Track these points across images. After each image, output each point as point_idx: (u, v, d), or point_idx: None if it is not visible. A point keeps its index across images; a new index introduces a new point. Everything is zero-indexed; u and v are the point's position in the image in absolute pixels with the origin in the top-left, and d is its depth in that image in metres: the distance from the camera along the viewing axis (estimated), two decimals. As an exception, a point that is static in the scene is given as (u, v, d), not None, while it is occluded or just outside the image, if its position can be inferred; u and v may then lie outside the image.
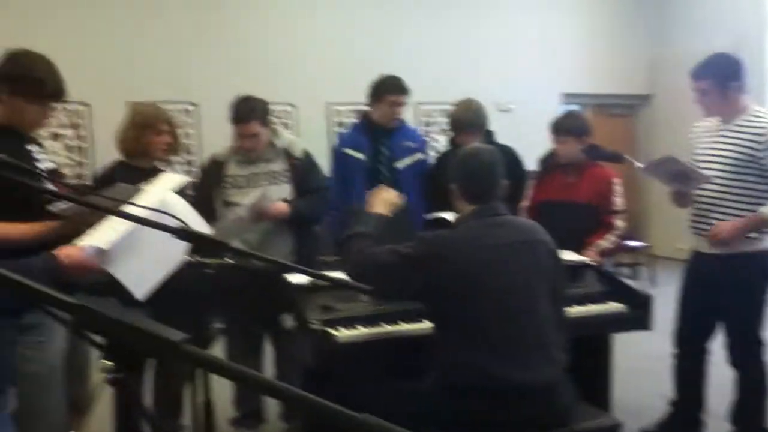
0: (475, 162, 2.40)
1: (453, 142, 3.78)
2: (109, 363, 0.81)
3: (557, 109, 7.12)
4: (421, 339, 2.48)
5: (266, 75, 6.43)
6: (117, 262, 1.77)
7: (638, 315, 2.83)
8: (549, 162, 3.69)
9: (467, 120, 3.60)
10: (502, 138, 3.85)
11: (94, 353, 2.49)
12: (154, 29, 6.41)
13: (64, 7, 6.15)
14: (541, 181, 3.65)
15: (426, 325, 2.49)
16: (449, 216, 2.98)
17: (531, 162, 3.90)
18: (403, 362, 2.52)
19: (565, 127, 3.46)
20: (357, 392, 2.19)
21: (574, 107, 6.97)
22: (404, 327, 2.53)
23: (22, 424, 2.25)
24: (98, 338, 0.80)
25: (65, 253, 1.61)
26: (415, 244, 2.27)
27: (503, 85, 7.41)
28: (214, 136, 5.96)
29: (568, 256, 2.92)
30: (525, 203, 3.73)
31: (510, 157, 3.50)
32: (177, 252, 1.98)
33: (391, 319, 2.57)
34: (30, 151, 2.32)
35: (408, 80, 3.81)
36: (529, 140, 4.55)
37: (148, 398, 3.08)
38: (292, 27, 6.79)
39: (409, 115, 6.38)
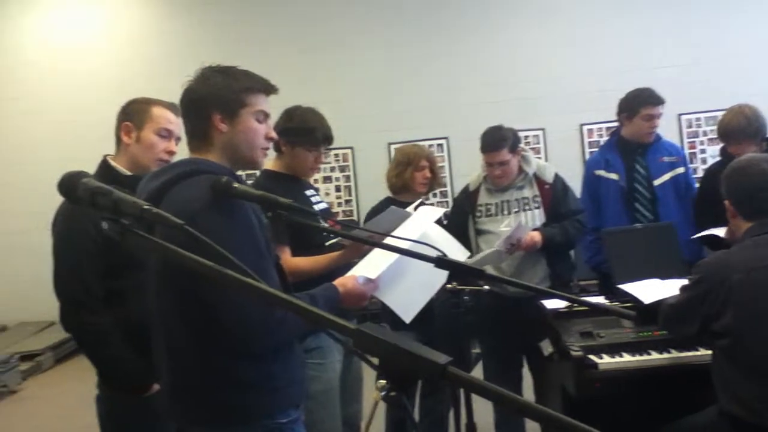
0: (751, 174, 2.17)
1: (724, 153, 3.44)
2: (384, 382, 0.90)
3: None
4: (697, 368, 2.28)
5: (514, 102, 6.49)
6: (385, 290, 1.93)
7: None
8: None
9: (739, 128, 3.25)
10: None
11: (367, 374, 2.72)
12: (407, 76, 6.86)
13: (330, 67, 6.89)
14: None
15: (702, 353, 2.30)
16: (720, 232, 2.73)
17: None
18: (676, 393, 2.35)
19: None
20: (624, 422, 2.10)
21: None
22: (675, 355, 2.35)
23: None
24: (374, 359, 0.89)
25: (340, 283, 1.80)
26: (693, 275, 2.16)
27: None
28: (464, 167, 6.20)
29: None
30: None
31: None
32: (439, 276, 2.09)
33: (662, 347, 2.41)
34: (308, 196, 2.65)
35: (666, 90, 3.57)
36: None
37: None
38: (536, 50, 6.76)
39: (670, 127, 5.96)
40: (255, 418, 1.63)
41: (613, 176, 3.53)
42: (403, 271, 1.95)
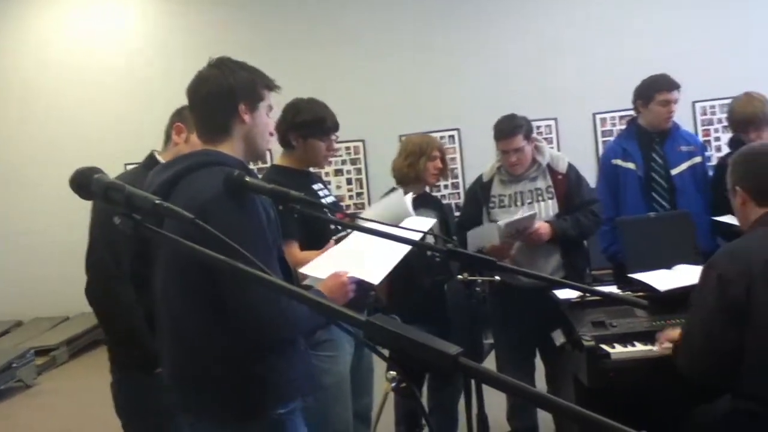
0: (761, 158, 2.14)
1: (734, 143, 3.40)
2: (394, 373, 0.90)
3: None
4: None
5: (526, 91, 6.45)
6: (348, 265, 1.93)
7: None
8: None
9: (756, 113, 3.22)
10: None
11: (377, 367, 2.72)
12: (417, 67, 6.83)
13: (340, 61, 6.89)
14: None
15: (716, 343, 2.27)
16: (734, 220, 2.71)
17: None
18: (688, 382, 2.33)
19: None
20: (638, 411, 2.08)
21: None
22: (689, 345, 2.33)
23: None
24: (384, 350, 0.89)
25: (326, 285, 1.83)
26: (707, 273, 2.09)
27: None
28: (476, 158, 6.18)
29: None
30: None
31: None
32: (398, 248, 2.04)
33: (674, 336, 2.39)
34: (316, 191, 2.68)
35: (680, 77, 3.53)
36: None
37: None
38: (548, 38, 6.70)
39: (684, 115, 5.89)
40: (255, 409, 1.64)
41: (631, 166, 3.49)
42: (362, 247, 1.97)
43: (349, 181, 7.03)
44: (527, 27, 6.73)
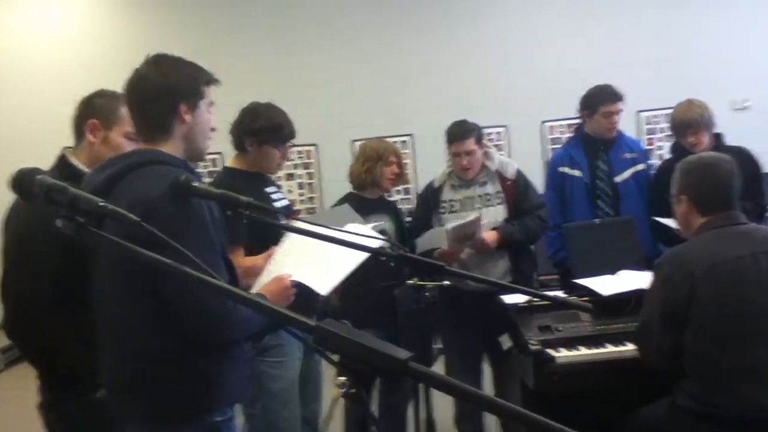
0: (709, 170, 2.22)
1: (677, 149, 3.52)
2: (343, 378, 0.90)
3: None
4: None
5: (477, 99, 6.52)
6: (295, 270, 1.91)
7: None
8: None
9: (695, 118, 3.35)
10: (738, 139, 3.52)
11: (327, 372, 2.71)
12: (371, 73, 6.84)
13: (293, 65, 6.84)
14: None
15: (656, 346, 2.34)
16: (674, 224, 2.81)
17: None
18: (632, 385, 2.39)
19: None
20: (583, 414, 2.13)
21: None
22: (630, 348, 2.40)
23: None
24: (333, 356, 0.89)
25: (268, 289, 1.82)
26: (656, 276, 2.17)
27: (738, 82, 6.64)
28: (429, 164, 6.22)
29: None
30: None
31: (743, 158, 3.17)
32: (354, 257, 2.01)
33: (616, 340, 2.46)
34: (269, 193, 2.64)
35: (626, 87, 3.63)
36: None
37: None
38: (499, 48, 6.80)
39: (629, 124, 6.06)
40: (192, 414, 1.61)
41: (577, 173, 3.57)
42: (311, 251, 1.94)
43: (300, 186, 6.98)
44: (479, 37, 6.81)
